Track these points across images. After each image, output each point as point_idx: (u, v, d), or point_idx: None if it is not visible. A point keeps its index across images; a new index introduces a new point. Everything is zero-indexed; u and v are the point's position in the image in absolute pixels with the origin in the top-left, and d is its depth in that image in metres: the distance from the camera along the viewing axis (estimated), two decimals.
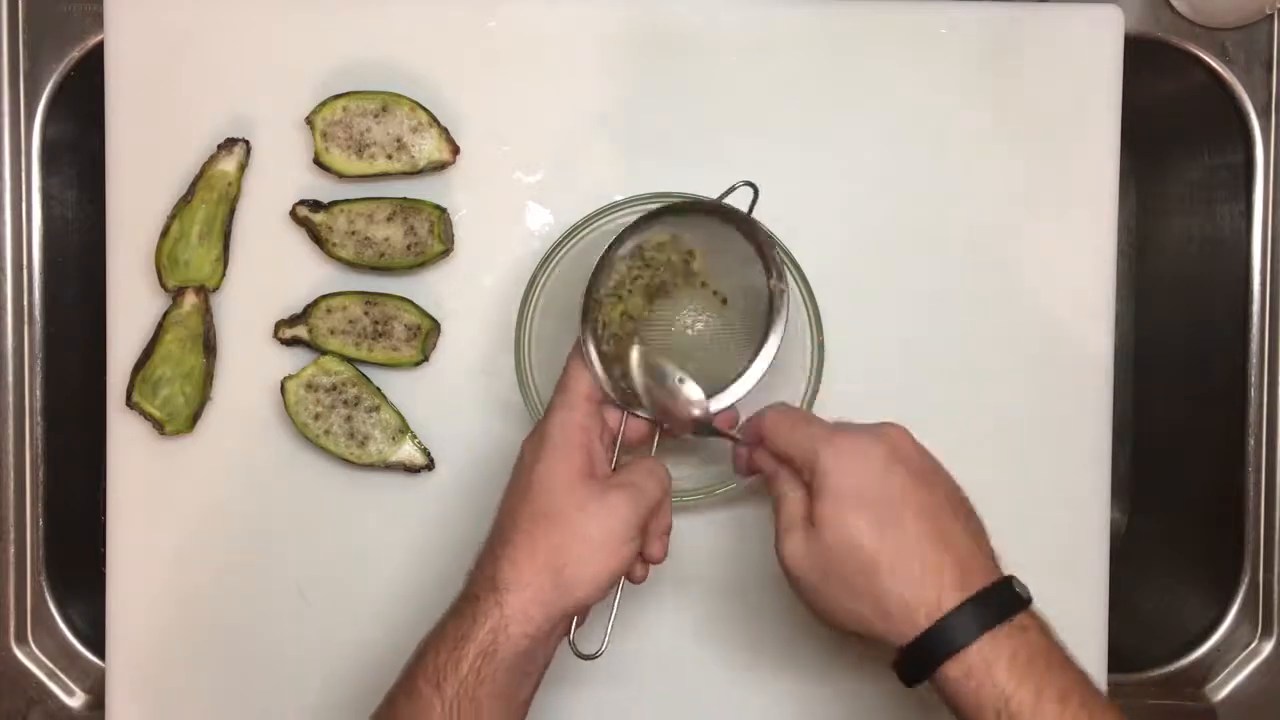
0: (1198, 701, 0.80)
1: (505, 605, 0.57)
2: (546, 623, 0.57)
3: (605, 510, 0.58)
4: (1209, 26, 0.79)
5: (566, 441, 0.60)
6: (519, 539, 0.58)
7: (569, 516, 0.58)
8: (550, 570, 0.57)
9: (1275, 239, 0.80)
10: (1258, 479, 0.80)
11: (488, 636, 0.57)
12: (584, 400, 0.62)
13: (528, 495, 0.59)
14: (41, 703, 0.79)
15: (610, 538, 0.58)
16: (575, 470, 0.59)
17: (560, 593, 0.57)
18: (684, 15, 0.73)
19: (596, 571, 0.58)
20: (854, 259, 0.74)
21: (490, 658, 0.56)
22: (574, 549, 0.58)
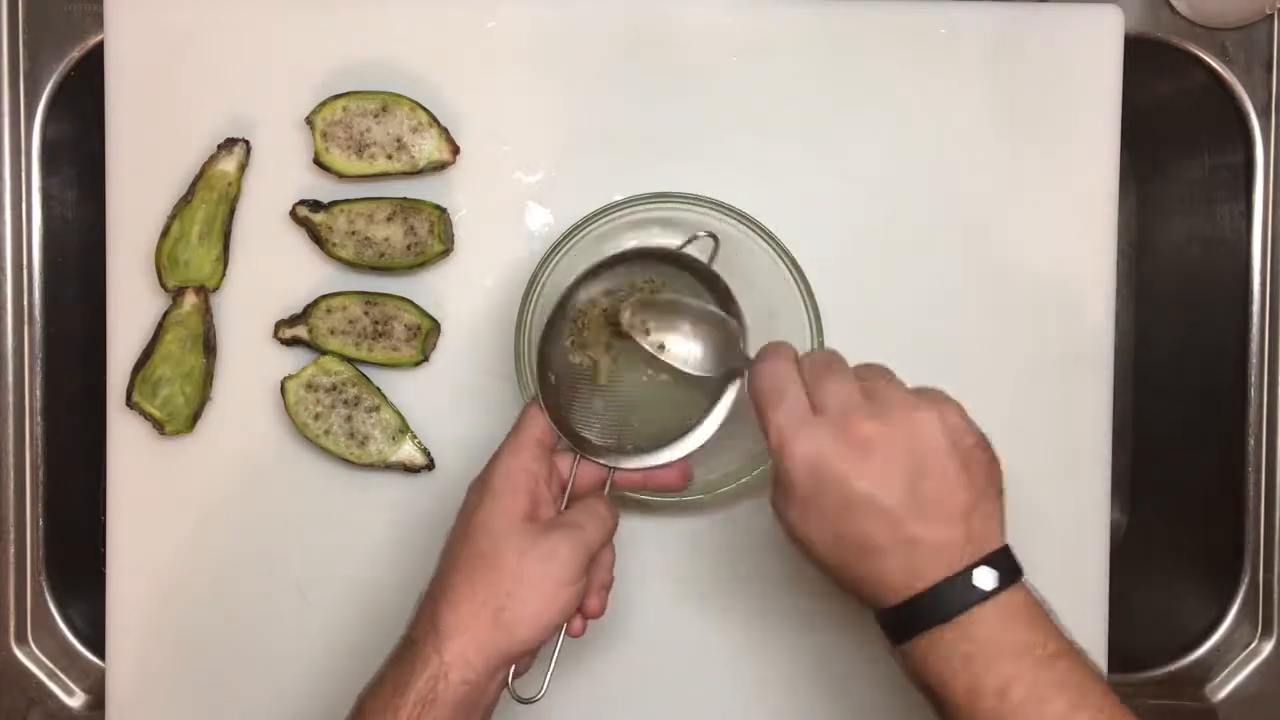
0: (1198, 701, 0.80)
1: (444, 651, 0.57)
2: (486, 668, 0.57)
3: (544, 551, 0.58)
4: (1209, 26, 0.79)
5: (510, 485, 0.60)
6: (458, 581, 0.58)
7: (507, 558, 0.58)
8: (489, 612, 0.57)
9: (1275, 239, 0.80)
10: (1258, 479, 0.80)
11: (427, 684, 0.56)
12: (533, 443, 0.62)
13: (467, 539, 0.59)
14: (41, 703, 0.79)
15: (549, 579, 0.58)
16: (516, 513, 0.59)
17: (500, 635, 0.57)
18: (684, 15, 0.73)
19: (536, 613, 0.57)
20: (854, 259, 0.74)
21: (430, 705, 0.56)
22: (513, 591, 0.57)
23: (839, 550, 0.54)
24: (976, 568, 0.53)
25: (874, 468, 0.53)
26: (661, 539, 0.74)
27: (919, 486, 0.53)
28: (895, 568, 0.53)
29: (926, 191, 0.74)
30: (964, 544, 0.53)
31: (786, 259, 0.68)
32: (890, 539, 0.53)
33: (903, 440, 0.53)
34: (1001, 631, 0.52)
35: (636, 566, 0.73)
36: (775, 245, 0.68)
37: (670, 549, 0.74)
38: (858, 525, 0.53)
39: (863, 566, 0.54)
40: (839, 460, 0.53)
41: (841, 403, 0.54)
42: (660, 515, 0.74)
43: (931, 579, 0.52)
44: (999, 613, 0.52)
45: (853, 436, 0.53)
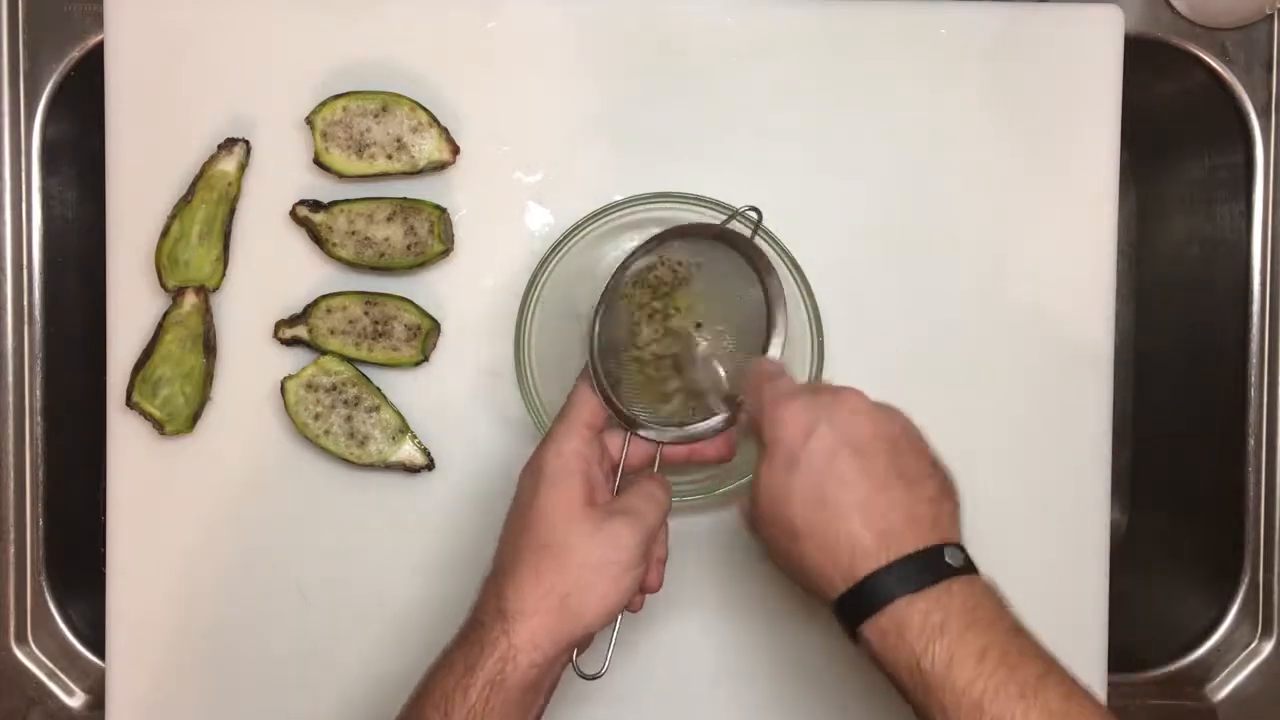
0: (1198, 701, 0.80)
1: (512, 634, 0.57)
2: (553, 651, 0.58)
3: (606, 538, 0.59)
4: (1209, 26, 0.79)
5: (564, 470, 0.60)
6: (522, 570, 0.59)
7: (571, 546, 0.58)
8: (556, 599, 0.58)
9: (1275, 239, 0.80)
10: (1258, 479, 0.80)
11: (496, 665, 0.57)
12: (583, 427, 0.62)
13: (528, 527, 0.60)
14: (41, 703, 0.79)
15: (613, 565, 0.58)
16: (575, 499, 0.59)
17: (567, 621, 0.58)
18: (684, 15, 0.73)
19: (601, 599, 0.58)
20: (854, 259, 0.74)
21: (498, 687, 0.57)
22: (578, 578, 0.58)
23: (820, 509, 0.55)
24: (946, 547, 0.55)
25: (864, 433, 0.56)
26: None
27: (901, 459, 0.56)
28: (871, 532, 0.54)
29: (926, 191, 0.74)
30: (933, 525, 0.55)
31: (787, 259, 0.68)
32: (869, 496, 0.55)
33: (888, 423, 0.57)
34: (973, 603, 0.54)
35: None
36: (775, 245, 0.68)
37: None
38: (841, 485, 0.55)
39: (838, 528, 0.55)
40: (833, 423, 0.56)
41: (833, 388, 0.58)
42: None
43: (903, 550, 0.54)
44: (968, 588, 0.54)
45: (848, 405, 0.57)
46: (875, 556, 0.54)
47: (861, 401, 0.57)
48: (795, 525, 0.56)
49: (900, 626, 0.53)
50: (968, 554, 0.55)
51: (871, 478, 0.55)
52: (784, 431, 0.57)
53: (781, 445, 0.56)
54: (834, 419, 0.56)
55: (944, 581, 0.53)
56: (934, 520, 0.55)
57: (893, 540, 0.54)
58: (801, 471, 0.56)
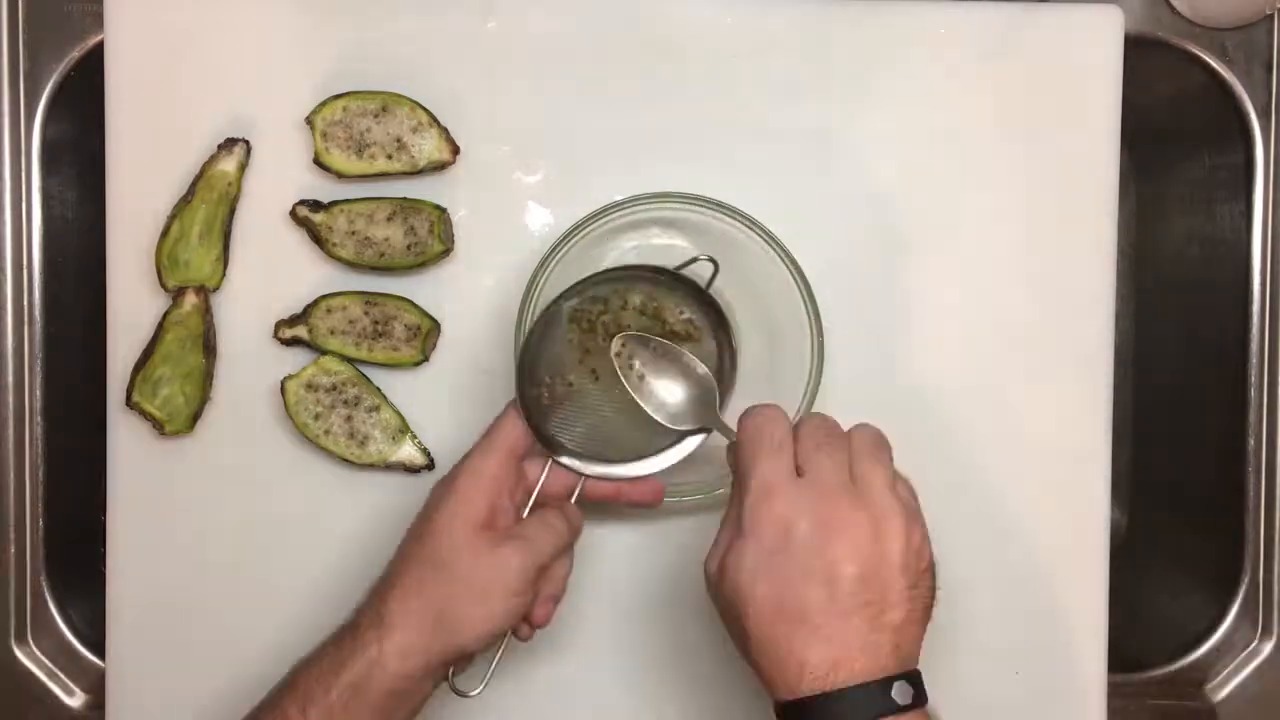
0: (1198, 701, 0.80)
1: (384, 641, 0.58)
2: (424, 665, 0.58)
3: (494, 561, 0.59)
4: (1209, 26, 0.79)
5: (470, 490, 0.61)
6: (408, 580, 0.59)
7: (457, 564, 0.59)
8: (431, 614, 0.58)
9: (1275, 239, 0.80)
10: (1258, 479, 0.80)
11: (362, 668, 0.57)
12: (502, 451, 0.62)
13: (423, 539, 0.60)
14: (41, 703, 0.79)
15: (496, 588, 0.59)
16: (473, 520, 0.60)
17: (440, 638, 0.58)
18: (684, 15, 0.73)
19: (480, 620, 0.59)
20: (853, 258, 0.74)
21: (360, 690, 0.57)
22: (459, 595, 0.58)
23: (774, 619, 0.53)
24: (897, 680, 0.52)
25: (839, 547, 0.53)
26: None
27: (869, 583, 0.53)
28: (821, 655, 0.52)
29: (926, 191, 0.74)
30: (890, 654, 0.53)
31: (786, 259, 0.68)
32: (828, 619, 0.53)
33: (870, 536, 0.54)
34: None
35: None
36: (775, 245, 0.68)
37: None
38: (805, 594, 0.53)
39: (792, 641, 0.53)
40: (810, 530, 0.53)
41: (828, 477, 0.55)
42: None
43: (852, 678, 0.52)
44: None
45: (831, 510, 0.54)
46: (822, 679, 0.52)
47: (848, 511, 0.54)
48: (746, 625, 0.54)
49: None
50: (919, 685, 0.53)
51: (837, 603, 0.53)
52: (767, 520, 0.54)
53: (760, 535, 0.54)
54: (820, 529, 0.54)
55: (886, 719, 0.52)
56: (894, 648, 0.53)
57: (844, 667, 0.52)
58: (768, 576, 0.54)
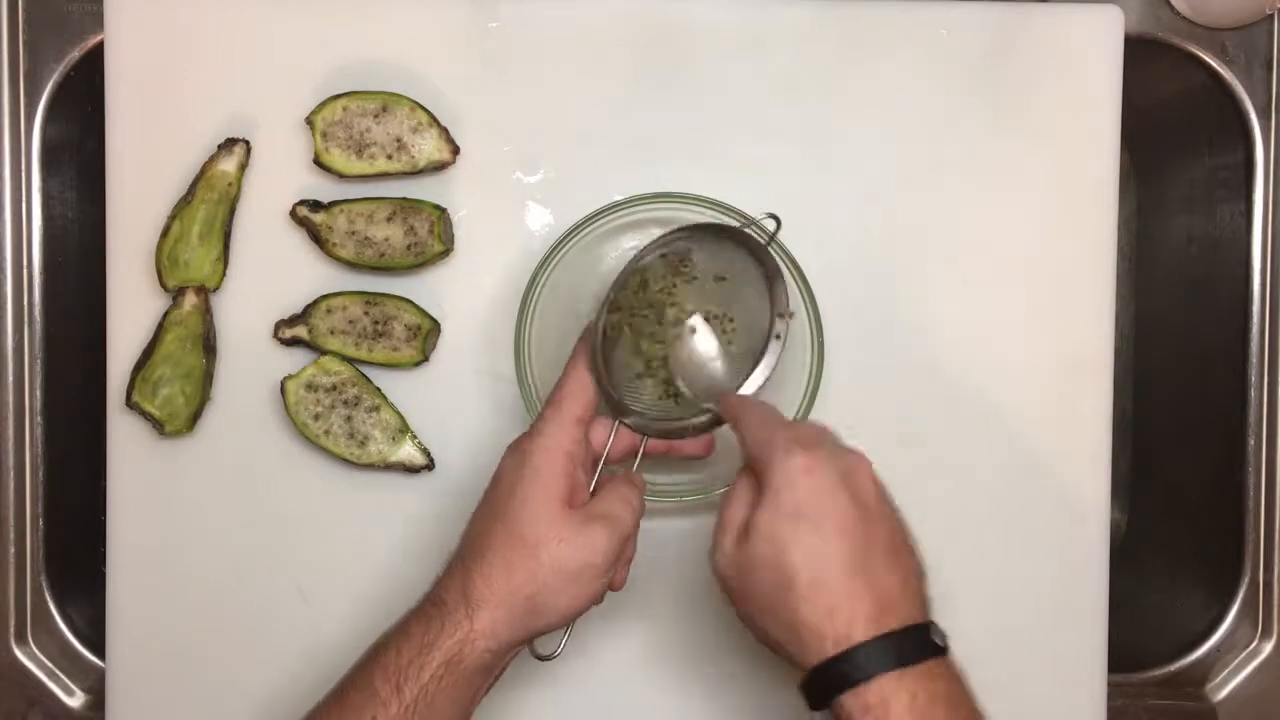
0: (1198, 701, 0.80)
1: (475, 620, 0.58)
2: (511, 641, 0.58)
3: (583, 543, 0.59)
4: (1209, 26, 0.79)
5: (550, 467, 0.60)
6: (494, 559, 0.59)
7: (547, 547, 0.58)
8: (524, 596, 0.58)
9: (1275, 239, 0.80)
10: (1258, 479, 0.80)
11: (454, 647, 0.57)
12: (574, 422, 0.62)
13: (506, 517, 0.60)
14: (41, 703, 0.79)
15: (586, 570, 0.59)
16: (556, 498, 0.59)
17: (531, 618, 0.58)
18: (684, 15, 0.73)
19: (570, 602, 0.59)
20: (853, 259, 0.74)
21: (453, 667, 0.57)
22: (549, 580, 0.58)
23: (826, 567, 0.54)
24: (933, 624, 0.54)
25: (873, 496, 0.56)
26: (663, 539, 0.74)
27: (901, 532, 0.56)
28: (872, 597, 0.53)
29: (926, 191, 0.74)
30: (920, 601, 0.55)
31: (786, 258, 0.68)
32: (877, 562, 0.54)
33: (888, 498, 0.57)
34: (954, 689, 0.53)
35: None
36: (775, 245, 0.68)
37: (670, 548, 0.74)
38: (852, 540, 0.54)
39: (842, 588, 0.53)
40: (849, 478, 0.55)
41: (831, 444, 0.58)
42: (659, 516, 0.74)
43: (902, 621, 0.53)
44: (948, 671, 0.54)
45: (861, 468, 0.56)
46: (871, 625, 0.52)
47: (870, 470, 0.57)
48: (792, 576, 0.54)
49: (886, 702, 0.51)
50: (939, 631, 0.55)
51: (878, 545, 0.54)
52: (798, 481, 0.55)
53: (791, 496, 0.55)
54: (849, 481, 0.55)
55: (929, 660, 0.52)
56: (919, 596, 0.55)
57: (889, 610, 0.53)
58: (809, 525, 0.54)
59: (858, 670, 0.52)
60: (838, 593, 0.53)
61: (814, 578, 0.53)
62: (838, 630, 0.53)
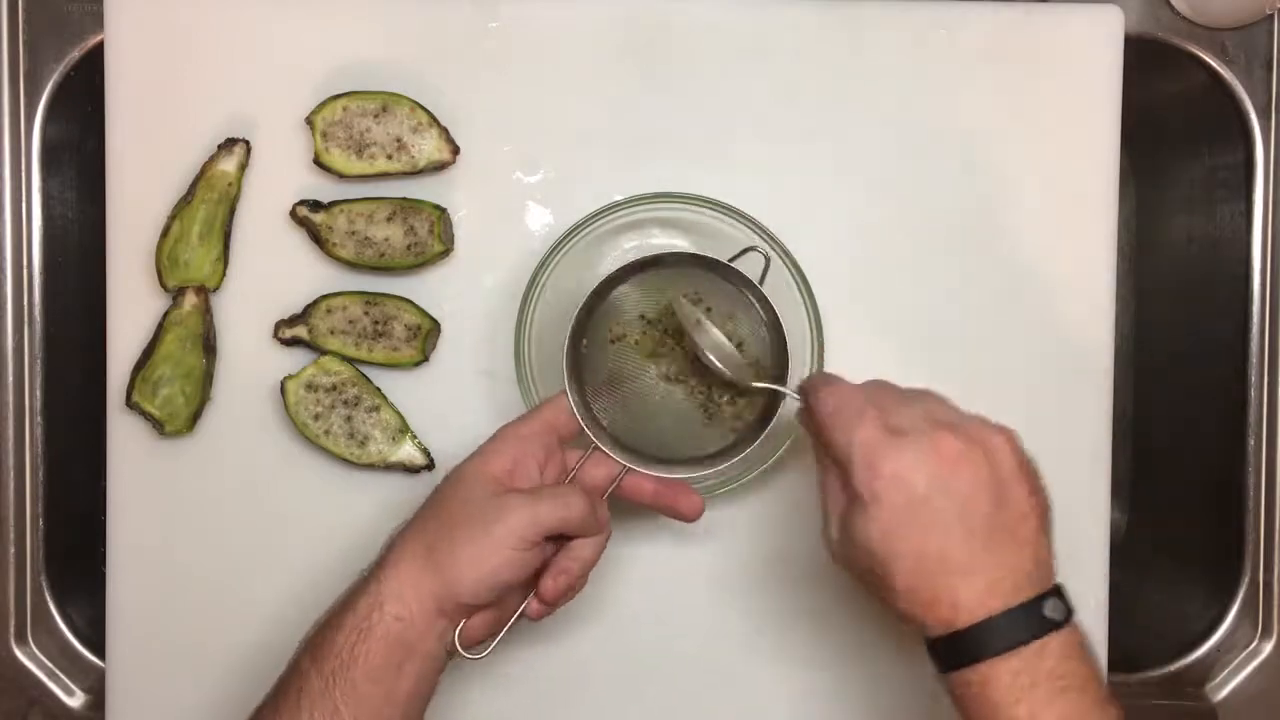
0: (1198, 701, 0.80)
1: (383, 581, 0.58)
2: (418, 607, 0.58)
3: (492, 507, 0.59)
4: (1209, 26, 0.79)
5: (500, 445, 0.61)
6: (411, 524, 0.60)
7: (459, 501, 0.59)
8: (423, 547, 0.58)
9: (1275, 239, 0.80)
10: (1258, 479, 0.80)
11: (364, 612, 0.58)
12: (544, 425, 0.62)
13: (439, 488, 0.61)
14: (41, 703, 0.79)
15: (487, 534, 0.58)
16: (492, 471, 0.60)
17: (430, 573, 0.58)
18: (684, 15, 0.73)
19: (469, 559, 0.58)
20: (853, 259, 0.74)
21: (364, 635, 0.57)
22: (450, 531, 0.58)
23: (919, 569, 0.53)
24: (1048, 598, 0.53)
25: (963, 484, 0.53)
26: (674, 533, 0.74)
27: (1001, 506, 0.53)
28: (972, 589, 0.52)
29: (926, 192, 0.74)
30: (1034, 570, 0.53)
31: (787, 259, 0.68)
32: (973, 556, 0.53)
33: (985, 459, 0.54)
34: (1064, 667, 0.52)
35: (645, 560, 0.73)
36: (775, 245, 0.68)
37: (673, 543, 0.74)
38: (944, 539, 0.53)
39: (938, 586, 0.53)
40: (931, 473, 0.53)
41: (917, 423, 0.54)
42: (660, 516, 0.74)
43: (1005, 603, 0.52)
44: (1062, 647, 0.52)
45: (942, 453, 0.53)
46: (974, 611, 0.52)
47: (955, 444, 0.54)
48: (893, 581, 0.54)
49: (986, 681, 0.51)
50: (1067, 598, 0.54)
51: (975, 535, 0.53)
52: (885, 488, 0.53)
53: (883, 504, 0.53)
54: (938, 473, 0.53)
55: (1040, 639, 0.52)
56: (1035, 564, 0.53)
57: (995, 594, 0.52)
58: (903, 533, 0.53)
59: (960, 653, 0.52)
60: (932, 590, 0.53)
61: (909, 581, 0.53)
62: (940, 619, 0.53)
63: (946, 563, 0.53)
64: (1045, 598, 0.53)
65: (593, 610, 0.73)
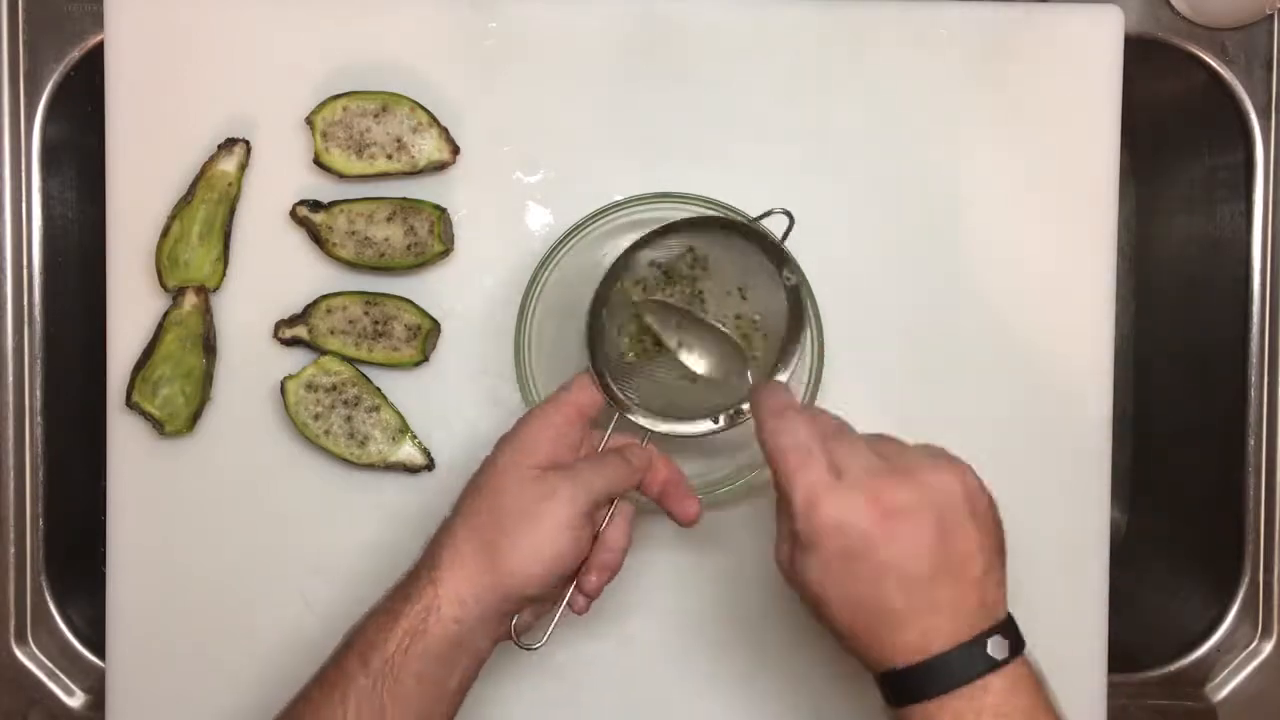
0: (1198, 701, 0.80)
1: (439, 584, 0.57)
2: (478, 607, 0.57)
3: (541, 489, 0.58)
4: (1209, 26, 0.79)
5: (535, 436, 0.60)
6: (459, 522, 0.59)
7: (507, 494, 0.58)
8: (483, 544, 0.57)
9: (1275, 239, 0.80)
10: (1258, 479, 0.80)
11: (419, 614, 0.57)
12: (569, 406, 0.62)
13: (479, 486, 0.60)
14: (41, 703, 0.79)
15: (544, 516, 0.57)
16: (532, 462, 0.60)
17: (491, 572, 0.57)
18: (684, 15, 0.73)
19: (530, 550, 0.57)
20: (854, 259, 0.74)
21: (419, 637, 0.56)
22: (505, 525, 0.58)
23: (855, 615, 0.53)
24: (990, 636, 0.52)
25: (903, 536, 0.52)
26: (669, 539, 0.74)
27: (943, 551, 0.52)
28: (910, 633, 0.52)
29: (926, 192, 0.74)
30: (978, 609, 0.52)
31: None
32: (910, 605, 0.51)
33: (929, 506, 0.52)
34: (1007, 704, 0.51)
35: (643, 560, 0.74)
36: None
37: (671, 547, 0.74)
38: (879, 591, 0.52)
39: (877, 631, 0.52)
40: (869, 526, 0.51)
41: (864, 467, 0.53)
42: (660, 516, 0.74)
43: (945, 645, 0.51)
44: (1006, 683, 0.51)
45: (882, 504, 0.52)
46: (911, 655, 0.51)
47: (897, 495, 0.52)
48: (831, 622, 0.53)
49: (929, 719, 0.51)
50: (1013, 629, 0.53)
51: (914, 584, 0.51)
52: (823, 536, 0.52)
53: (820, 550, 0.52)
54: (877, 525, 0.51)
55: (982, 678, 0.51)
56: (980, 603, 0.52)
57: (933, 639, 0.51)
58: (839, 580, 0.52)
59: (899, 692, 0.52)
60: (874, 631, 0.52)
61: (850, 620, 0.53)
62: (882, 656, 0.52)
63: (881, 612, 0.52)
64: (990, 634, 0.52)
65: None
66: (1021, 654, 0.53)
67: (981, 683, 0.51)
